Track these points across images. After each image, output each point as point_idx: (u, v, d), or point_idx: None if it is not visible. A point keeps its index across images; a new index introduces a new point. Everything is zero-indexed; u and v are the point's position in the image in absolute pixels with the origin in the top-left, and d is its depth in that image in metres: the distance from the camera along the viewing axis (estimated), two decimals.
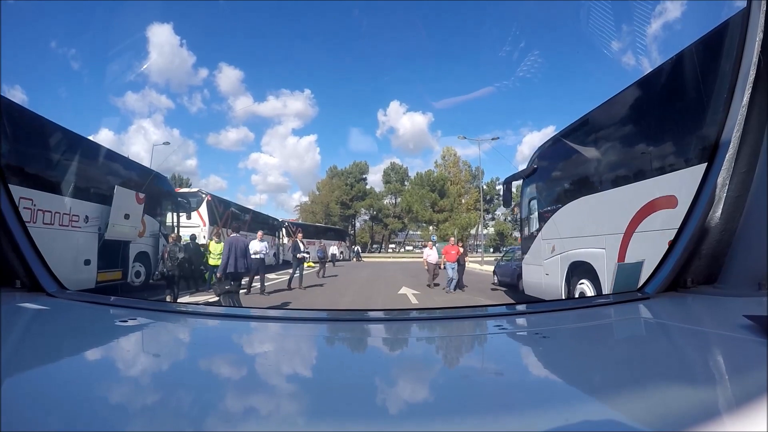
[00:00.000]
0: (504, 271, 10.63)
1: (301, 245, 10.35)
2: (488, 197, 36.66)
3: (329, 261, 14.32)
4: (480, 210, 35.85)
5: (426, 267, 10.79)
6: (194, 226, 12.01)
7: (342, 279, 13.36)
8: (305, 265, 19.28)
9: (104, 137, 27.35)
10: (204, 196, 14.20)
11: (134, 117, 29.58)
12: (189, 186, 26.34)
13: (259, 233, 9.40)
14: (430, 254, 10.77)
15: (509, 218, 37.21)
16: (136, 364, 0.89)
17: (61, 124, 7.02)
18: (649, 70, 5.11)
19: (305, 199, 36.60)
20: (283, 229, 23.11)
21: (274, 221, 22.58)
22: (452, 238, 12.04)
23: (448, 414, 0.62)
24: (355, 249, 30.69)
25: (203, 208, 14.05)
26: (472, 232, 35.66)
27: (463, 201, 36.48)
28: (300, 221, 31.93)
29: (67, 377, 0.77)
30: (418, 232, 38.69)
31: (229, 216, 16.05)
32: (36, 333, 1.12)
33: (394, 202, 38.37)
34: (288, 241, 22.12)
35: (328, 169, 37.97)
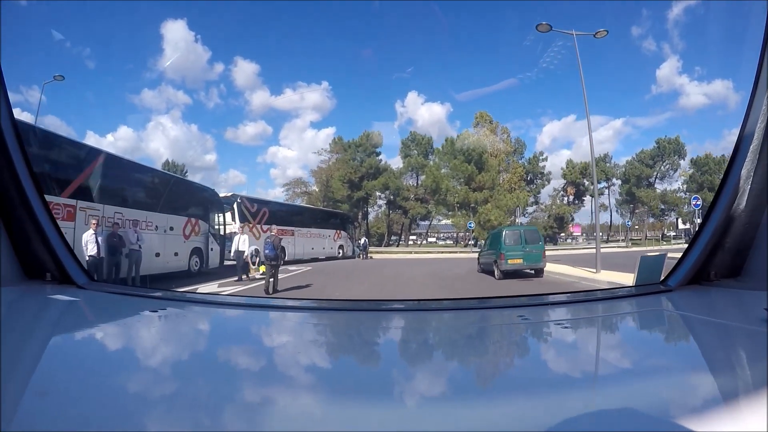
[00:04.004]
0: None
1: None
2: (528, 176, 35.43)
3: (276, 263, 10.01)
4: (524, 189, 33.90)
5: None
6: None
7: None
8: (261, 270, 11.20)
9: (123, 134, 29.83)
10: None
11: (151, 113, 32.49)
12: None
13: None
14: None
15: (567, 199, 35.81)
16: (166, 353, 1.11)
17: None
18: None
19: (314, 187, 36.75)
20: (234, 209, 15.16)
21: (203, 193, 14.49)
22: None
23: (470, 402, 0.74)
24: (361, 242, 25.74)
25: None
26: (518, 219, 34.36)
27: (501, 179, 33.09)
28: (300, 202, 29.00)
29: (98, 365, 0.94)
30: (445, 221, 37.31)
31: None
32: (67, 323, 1.40)
33: (415, 182, 37.27)
34: (242, 229, 13.85)
35: (331, 141, 37.52)
